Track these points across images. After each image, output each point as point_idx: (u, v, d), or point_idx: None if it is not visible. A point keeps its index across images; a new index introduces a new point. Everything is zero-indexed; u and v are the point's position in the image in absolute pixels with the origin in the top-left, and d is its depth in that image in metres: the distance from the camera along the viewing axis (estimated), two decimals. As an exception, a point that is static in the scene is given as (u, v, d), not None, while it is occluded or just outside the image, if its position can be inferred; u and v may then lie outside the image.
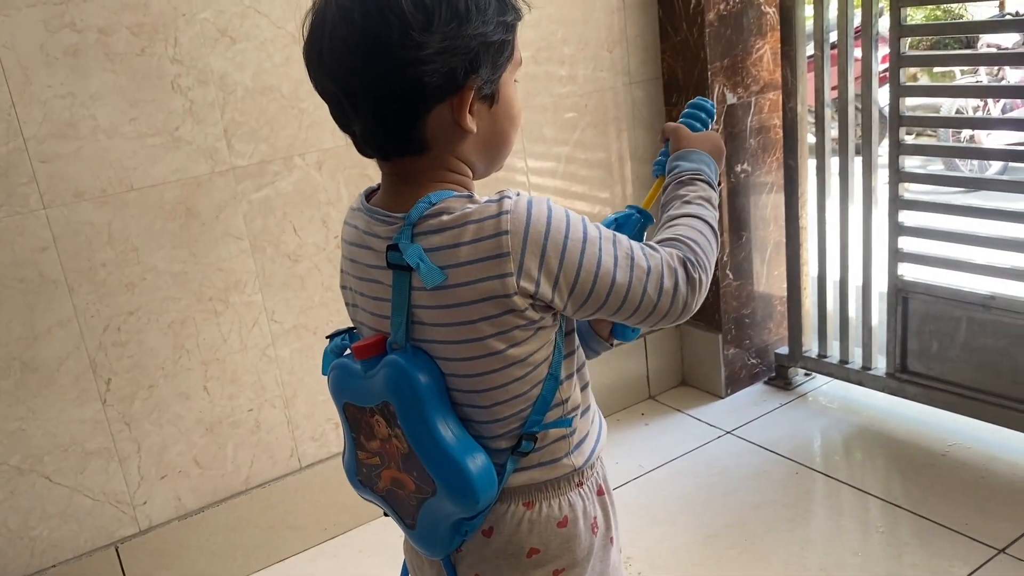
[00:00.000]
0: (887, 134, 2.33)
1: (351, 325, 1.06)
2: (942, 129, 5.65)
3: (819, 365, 2.70)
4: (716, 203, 1.03)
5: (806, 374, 2.79)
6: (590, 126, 2.50)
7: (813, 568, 1.94)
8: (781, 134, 2.60)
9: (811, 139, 2.52)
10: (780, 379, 2.80)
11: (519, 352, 0.91)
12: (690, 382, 2.85)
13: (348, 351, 0.99)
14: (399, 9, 0.84)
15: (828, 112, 2.47)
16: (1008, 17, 6.04)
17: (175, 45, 1.87)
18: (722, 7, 2.43)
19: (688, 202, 1.00)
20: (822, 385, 2.75)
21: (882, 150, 2.41)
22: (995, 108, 5.59)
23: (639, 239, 1.03)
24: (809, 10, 2.48)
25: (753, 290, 2.73)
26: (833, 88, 2.45)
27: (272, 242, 2.06)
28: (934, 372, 2.42)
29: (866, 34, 2.32)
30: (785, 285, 2.73)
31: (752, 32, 2.50)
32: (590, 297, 0.90)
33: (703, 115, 1.13)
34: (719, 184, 1.07)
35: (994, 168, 5.71)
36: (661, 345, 2.80)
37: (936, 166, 5.57)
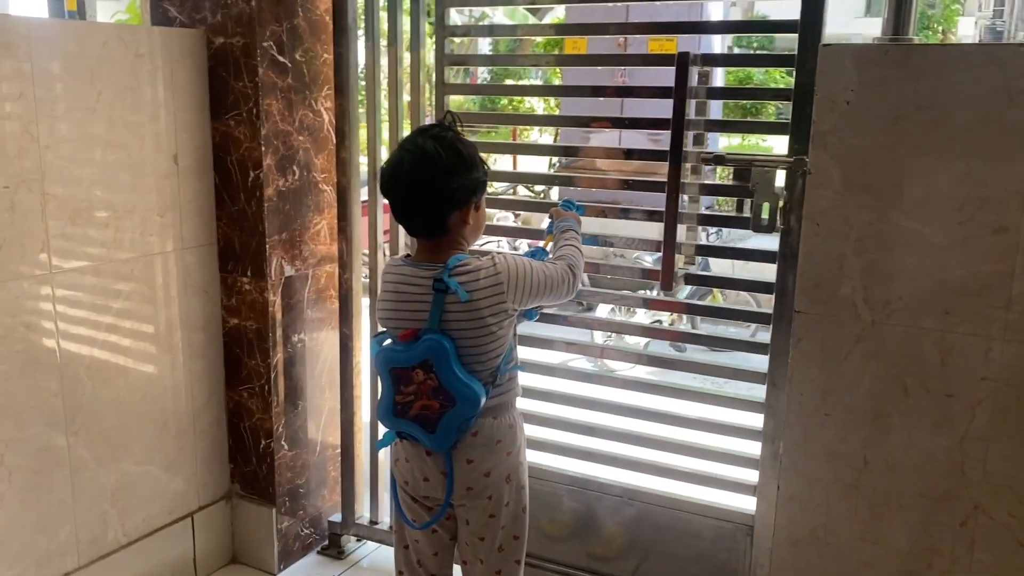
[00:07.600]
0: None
1: (382, 329, 1.84)
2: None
3: (370, 531, 2.74)
4: (580, 243, 1.97)
5: (358, 540, 2.81)
6: (136, 293, 2.30)
7: None
8: (337, 304, 2.66)
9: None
10: (333, 547, 2.77)
11: (502, 332, 1.75)
12: (241, 559, 2.69)
13: (387, 341, 1.78)
14: (442, 162, 1.69)
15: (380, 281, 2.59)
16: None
17: None
18: (281, 183, 2.44)
19: (568, 243, 1.95)
20: (375, 550, 2.78)
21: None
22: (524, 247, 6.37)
23: (541, 259, 1.92)
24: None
25: (308, 459, 2.70)
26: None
27: None
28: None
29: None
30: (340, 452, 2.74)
31: (311, 209, 2.55)
32: (533, 300, 1.80)
33: (572, 206, 2.09)
34: (581, 233, 2.03)
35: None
36: (210, 522, 2.61)
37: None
